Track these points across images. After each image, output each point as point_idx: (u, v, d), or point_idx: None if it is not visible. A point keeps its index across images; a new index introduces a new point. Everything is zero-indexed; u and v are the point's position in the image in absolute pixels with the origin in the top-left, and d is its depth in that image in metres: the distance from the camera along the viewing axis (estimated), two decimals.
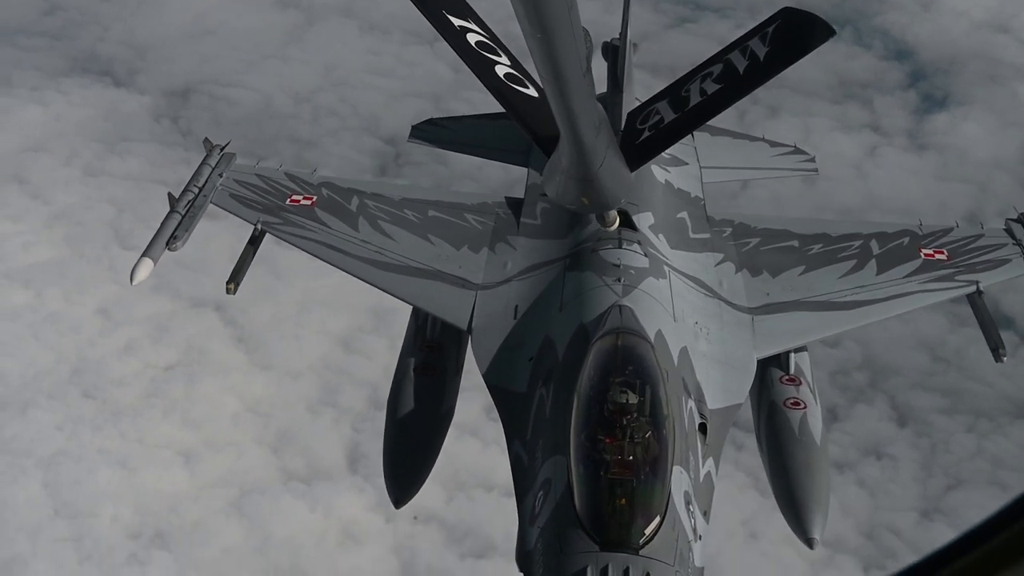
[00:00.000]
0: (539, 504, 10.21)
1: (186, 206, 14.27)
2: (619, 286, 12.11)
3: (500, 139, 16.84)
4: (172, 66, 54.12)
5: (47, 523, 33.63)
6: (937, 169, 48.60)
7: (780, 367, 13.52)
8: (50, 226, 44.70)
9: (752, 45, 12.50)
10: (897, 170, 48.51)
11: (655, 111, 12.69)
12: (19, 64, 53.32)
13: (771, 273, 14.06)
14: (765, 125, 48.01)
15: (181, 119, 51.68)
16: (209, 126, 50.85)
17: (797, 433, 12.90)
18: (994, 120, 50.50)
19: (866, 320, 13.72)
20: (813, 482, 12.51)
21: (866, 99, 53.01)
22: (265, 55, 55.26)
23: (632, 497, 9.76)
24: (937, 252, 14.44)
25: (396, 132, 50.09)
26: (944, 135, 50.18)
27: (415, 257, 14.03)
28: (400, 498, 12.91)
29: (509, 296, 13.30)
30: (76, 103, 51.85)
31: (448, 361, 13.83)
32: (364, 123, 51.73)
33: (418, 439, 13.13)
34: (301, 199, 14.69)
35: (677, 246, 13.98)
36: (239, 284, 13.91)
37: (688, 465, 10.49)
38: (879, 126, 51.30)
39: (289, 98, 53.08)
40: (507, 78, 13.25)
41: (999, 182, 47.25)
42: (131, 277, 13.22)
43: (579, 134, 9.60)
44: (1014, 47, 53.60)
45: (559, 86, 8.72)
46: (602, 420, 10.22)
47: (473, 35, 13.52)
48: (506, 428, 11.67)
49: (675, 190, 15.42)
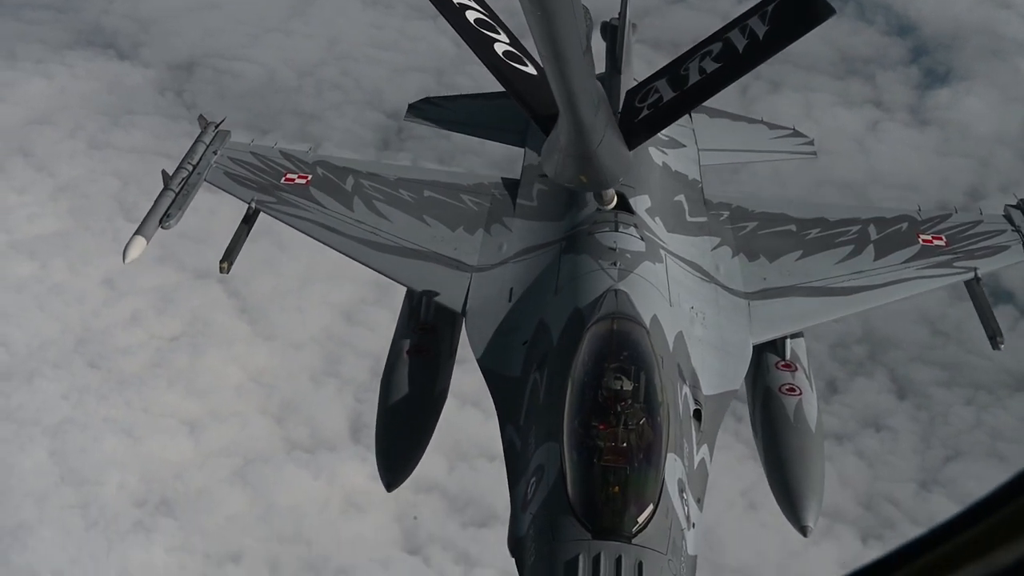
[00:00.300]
0: (531, 490, 10.14)
1: (180, 184, 14.15)
2: (615, 270, 12.03)
3: (497, 118, 16.76)
4: (176, 39, 54.06)
5: (53, 490, 33.95)
6: (939, 144, 48.70)
7: (776, 353, 13.43)
8: (55, 198, 44.85)
9: (751, 24, 12.42)
10: (899, 145, 48.61)
11: (654, 89, 12.60)
12: (23, 37, 53.28)
13: (768, 258, 14.00)
14: (767, 100, 48.18)
15: (185, 92, 51.71)
16: (213, 99, 51.00)
17: (792, 420, 12.79)
18: (996, 95, 50.55)
19: (863, 306, 13.69)
20: (807, 470, 12.40)
21: (868, 74, 53.04)
22: (268, 28, 55.23)
23: (625, 485, 9.66)
24: (936, 238, 14.38)
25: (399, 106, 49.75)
26: (946, 110, 50.22)
27: (410, 238, 13.93)
28: (392, 481, 12.74)
29: (504, 279, 13.21)
30: (80, 76, 51.84)
31: (442, 343, 13.67)
32: (367, 97, 51.77)
33: (411, 422, 12.98)
34: (296, 178, 14.59)
35: (674, 229, 13.90)
36: (232, 263, 13.83)
37: (682, 452, 10.42)
38: (881, 101, 51.35)
39: (292, 72, 53.08)
40: (506, 56, 13.08)
41: (1001, 157, 47.40)
42: (124, 255, 13.13)
43: (578, 112, 9.52)
44: (1016, 22, 53.54)
45: (558, 63, 8.65)
46: (596, 407, 10.13)
47: (472, 12, 13.34)
48: (499, 413, 11.60)
49: (672, 172, 15.33)
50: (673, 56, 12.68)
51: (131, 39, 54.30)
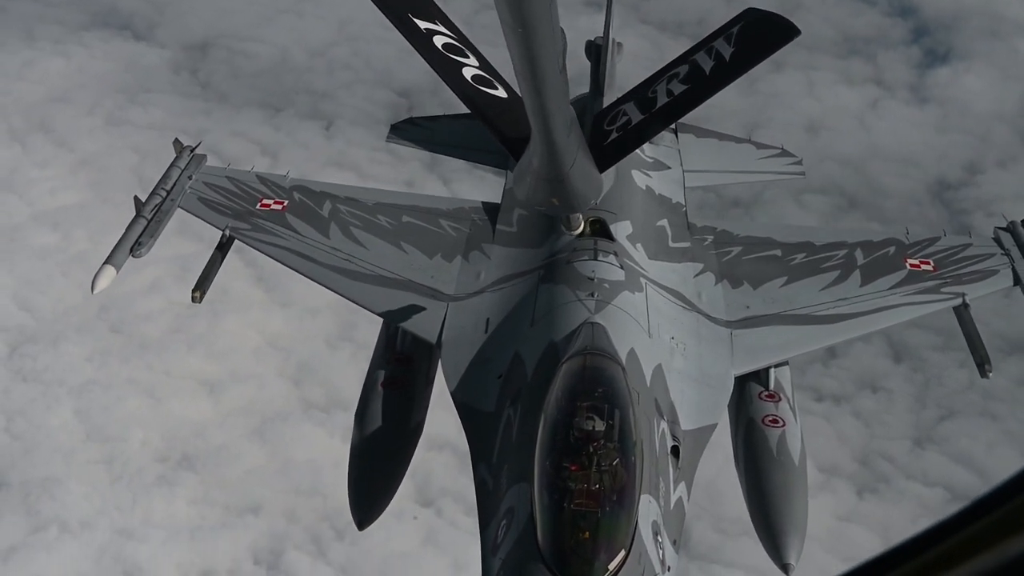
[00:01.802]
0: (502, 533, 9.79)
1: (152, 210, 13.76)
2: (592, 301, 11.67)
3: (481, 140, 16.08)
4: (190, 20, 55.09)
5: (80, 446, 35.04)
6: (938, 121, 49.64)
7: (759, 382, 13.06)
8: (75, 172, 45.96)
9: (717, 45, 12.56)
10: (899, 122, 49.51)
11: (622, 112, 12.66)
12: (42, 18, 54.39)
13: (752, 284, 13.66)
14: (770, 79, 49.16)
15: (200, 72, 52.81)
16: (227, 79, 52.24)
17: (775, 453, 12.35)
18: (995, 74, 51.40)
19: (848, 335, 13.40)
20: (790, 505, 11.99)
21: (870, 54, 53.87)
22: (281, 10, 56.20)
23: (596, 530, 9.25)
24: (923, 262, 14.05)
25: (409, 85, 51.34)
26: (946, 88, 51.09)
27: (386, 266, 13.51)
28: (363, 519, 12.36)
29: (481, 309, 12.81)
30: (97, 56, 52.89)
31: (418, 375, 13.29)
32: (377, 76, 52.71)
33: (384, 458, 12.61)
34: (272, 203, 14.26)
35: (656, 256, 13.59)
36: (205, 293, 13.33)
37: (658, 492, 10.09)
38: (882, 80, 52.21)
39: (304, 52, 54.12)
40: (475, 80, 13.06)
41: (998, 133, 48.39)
42: (92, 286, 12.81)
43: (551, 133, 9.26)
44: (1015, 3, 54.27)
45: (534, 83, 8.42)
46: (567, 447, 9.72)
47: (440, 37, 13.31)
48: (472, 450, 11.21)
49: (656, 196, 14.96)
50: (677, 37, 13.41)
51: (146, 20, 55.28)
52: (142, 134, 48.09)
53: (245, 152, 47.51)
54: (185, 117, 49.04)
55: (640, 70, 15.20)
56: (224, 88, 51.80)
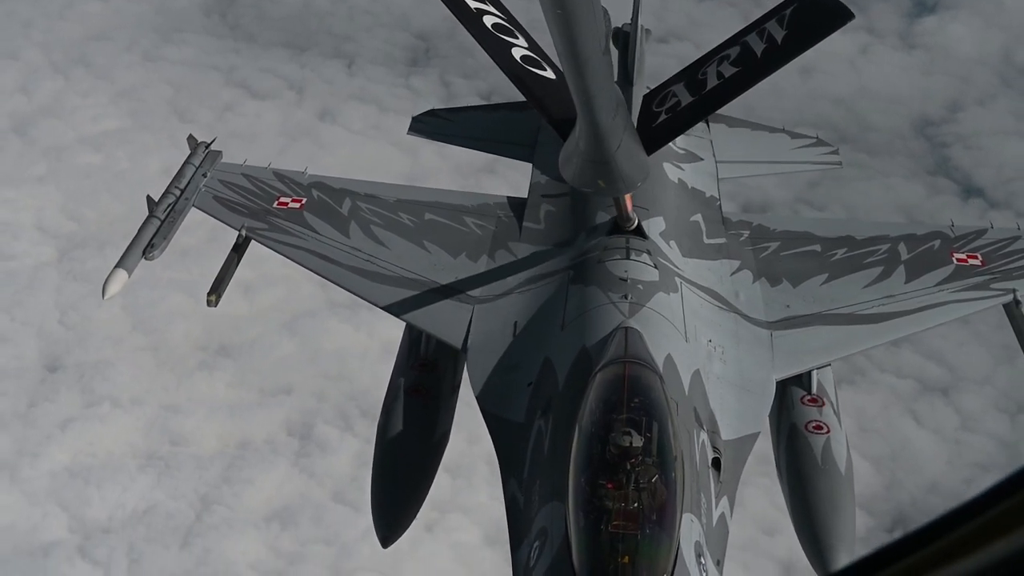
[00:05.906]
0: (534, 557, 9.12)
1: (166, 210, 13.32)
2: (625, 304, 11.01)
3: (504, 132, 15.82)
4: None
5: (127, 335, 38.25)
6: (924, 64, 52.54)
7: (801, 386, 12.53)
8: (115, 102, 49.02)
9: (770, 27, 12.07)
10: (887, 66, 52.39)
11: (671, 94, 12.23)
12: None
13: (791, 282, 12.86)
14: None
15: (228, 14, 55.97)
16: (254, 21, 55.36)
17: (820, 461, 11.84)
18: (979, 22, 54.28)
19: (894, 335, 12.51)
20: (837, 515, 11.47)
21: (862, 5, 56.77)
22: None
23: (636, 554, 8.57)
24: (971, 256, 13.16)
25: (426, 28, 54.49)
26: (932, 35, 53.96)
27: (408, 266, 12.84)
28: (388, 536, 11.90)
29: (508, 311, 12.10)
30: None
31: (443, 382, 12.80)
32: (396, 20, 55.75)
33: (409, 471, 12.14)
34: (290, 202, 13.75)
35: (690, 253, 12.91)
36: (221, 296, 12.82)
37: (700, 510, 9.41)
38: (873, 28, 55.02)
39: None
40: (524, 60, 12.65)
41: (980, 75, 51.31)
42: (103, 290, 12.50)
43: (596, 114, 8.95)
44: None
45: (577, 64, 8.12)
46: (604, 463, 9.05)
47: (490, 17, 12.96)
48: (501, 463, 10.50)
49: (689, 190, 14.27)
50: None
51: None
52: (176, 69, 51.33)
53: (274, 87, 50.86)
54: (217, 55, 52.34)
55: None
56: (252, 29, 54.96)
